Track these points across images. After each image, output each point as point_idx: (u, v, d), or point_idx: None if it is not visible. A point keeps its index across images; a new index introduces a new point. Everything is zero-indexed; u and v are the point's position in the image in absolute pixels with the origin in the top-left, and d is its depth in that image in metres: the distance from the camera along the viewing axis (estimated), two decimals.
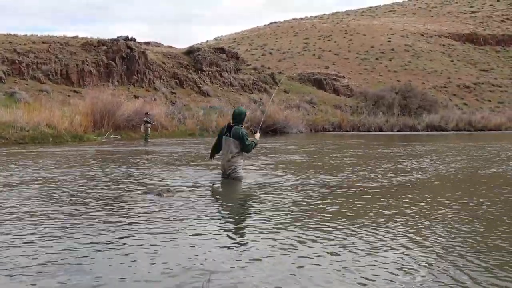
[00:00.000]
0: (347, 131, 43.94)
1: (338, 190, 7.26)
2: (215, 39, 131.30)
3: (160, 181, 8.25)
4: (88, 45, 42.41)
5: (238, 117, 8.22)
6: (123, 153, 15.43)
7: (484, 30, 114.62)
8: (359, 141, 25.89)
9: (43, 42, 41.49)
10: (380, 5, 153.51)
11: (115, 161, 12.16)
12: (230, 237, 4.36)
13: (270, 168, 10.36)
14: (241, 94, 49.44)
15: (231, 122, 8.30)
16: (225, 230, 4.63)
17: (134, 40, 45.59)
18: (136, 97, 36.76)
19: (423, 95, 58.33)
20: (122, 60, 42.23)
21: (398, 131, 45.75)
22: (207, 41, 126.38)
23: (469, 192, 7.42)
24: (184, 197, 6.55)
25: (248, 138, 8.08)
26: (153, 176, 8.94)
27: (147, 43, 57.74)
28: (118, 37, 43.99)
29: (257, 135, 8.71)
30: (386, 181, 8.39)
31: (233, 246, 4.06)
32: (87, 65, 39.70)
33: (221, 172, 8.40)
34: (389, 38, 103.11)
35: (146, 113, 25.15)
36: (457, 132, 44.98)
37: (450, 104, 68.41)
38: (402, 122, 48.45)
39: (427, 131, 46.34)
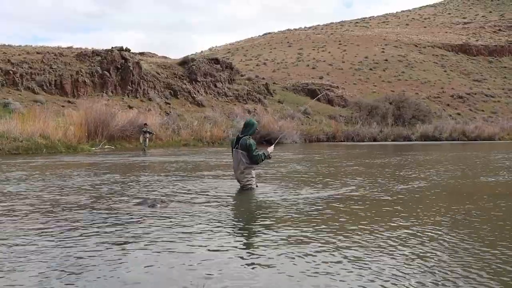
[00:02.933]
0: (341, 141, 44.00)
1: (349, 202, 7.27)
2: (210, 49, 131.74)
3: (155, 192, 8.23)
4: (83, 55, 42.48)
5: (247, 128, 8.13)
6: (117, 163, 15.40)
7: (477, 40, 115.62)
8: (356, 151, 25.95)
9: (37, 53, 41.53)
10: (374, 16, 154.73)
11: (109, 171, 12.13)
12: (222, 246, 4.36)
13: (273, 179, 10.36)
14: (235, 105, 49.50)
15: (240, 133, 8.24)
16: (217, 240, 4.62)
17: (129, 50, 45.64)
18: (130, 107, 36.80)
19: (416, 105, 58.58)
20: (116, 70, 42.30)
21: (392, 141, 45.87)
22: (202, 51, 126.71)
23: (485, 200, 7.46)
24: (178, 208, 6.54)
25: (256, 149, 8.01)
26: (148, 187, 8.93)
27: (142, 54, 57.84)
28: (112, 47, 44.05)
29: (271, 148, 8.57)
30: (393, 190, 8.39)
31: (226, 256, 4.06)
32: (81, 75, 39.73)
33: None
34: (383, 48, 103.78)
35: (145, 124, 25.16)
36: (451, 142, 45.12)
37: (444, 114, 68.71)
38: (396, 132, 48.58)
39: (421, 141, 46.46)
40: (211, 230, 5.09)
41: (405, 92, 71.35)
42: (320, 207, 6.65)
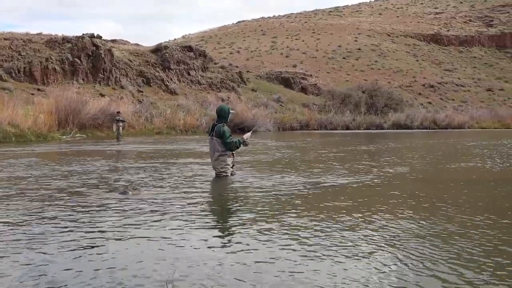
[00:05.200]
0: (314, 129, 44.25)
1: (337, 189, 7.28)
2: (183, 37, 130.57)
3: (128, 179, 8.13)
4: (52, 42, 41.62)
5: (220, 115, 8.11)
6: (89, 151, 15.19)
7: (448, 31, 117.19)
8: (331, 139, 26.11)
9: (5, 39, 40.55)
10: (347, 5, 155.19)
11: (80, 159, 11.95)
12: (193, 233, 4.32)
13: (249, 166, 10.34)
14: (208, 93, 49.24)
15: (215, 121, 8.19)
16: (188, 226, 4.58)
17: (100, 37, 44.87)
18: (102, 95, 36.29)
19: (389, 94, 59.23)
20: (87, 57, 41.59)
21: (365, 129, 46.33)
22: (175, 39, 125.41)
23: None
24: (150, 194, 6.47)
25: (230, 136, 7.98)
26: (120, 175, 8.81)
27: (114, 41, 57.04)
28: (83, 34, 43.24)
29: (247, 134, 8.53)
30: (371, 177, 8.43)
31: (197, 242, 4.02)
32: (51, 62, 38.93)
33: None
34: (356, 37, 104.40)
35: (118, 112, 24.82)
36: (422, 130, 45.79)
37: (415, 103, 69.63)
38: (369, 121, 49.13)
39: (393, 129, 47.06)
40: (183, 217, 5.04)
41: (378, 81, 72.01)
42: (295, 194, 6.64)
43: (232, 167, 8.32)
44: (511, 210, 5.72)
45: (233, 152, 8.30)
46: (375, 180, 8.20)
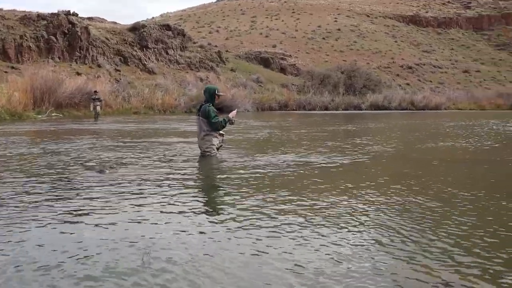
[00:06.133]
0: (293, 109, 44.30)
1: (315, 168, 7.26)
2: (161, 16, 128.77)
3: (106, 157, 8.00)
4: (27, 19, 40.58)
5: (206, 94, 8.11)
6: (67, 130, 14.95)
7: (427, 12, 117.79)
8: (310, 119, 26.16)
9: None
10: None
11: (57, 139, 11.74)
12: (172, 212, 4.27)
13: (233, 146, 10.27)
14: (187, 72, 48.76)
15: (203, 101, 8.17)
16: (167, 205, 4.53)
17: (76, 15, 43.90)
18: (78, 74, 35.63)
19: (367, 75, 59.55)
20: (63, 35, 40.69)
21: (343, 110, 46.56)
22: (153, 17, 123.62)
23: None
24: (127, 173, 6.38)
25: (216, 116, 7.93)
26: (99, 153, 8.68)
27: (90, 19, 55.86)
28: (59, 11, 42.26)
29: (233, 113, 8.41)
30: (352, 156, 8.43)
31: (173, 221, 3.98)
32: (26, 40, 37.99)
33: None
34: (336, 18, 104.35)
35: (95, 91, 24.46)
36: (400, 111, 46.19)
37: (394, 84, 70.14)
38: (347, 101, 49.39)
39: (371, 110, 47.38)
40: (158, 195, 4.98)
41: (357, 62, 72.26)
42: (280, 174, 6.61)
43: (219, 148, 8.30)
44: (488, 186, 5.80)
45: (222, 133, 8.30)
46: (358, 159, 8.23)
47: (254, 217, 4.17)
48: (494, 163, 8.49)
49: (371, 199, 4.96)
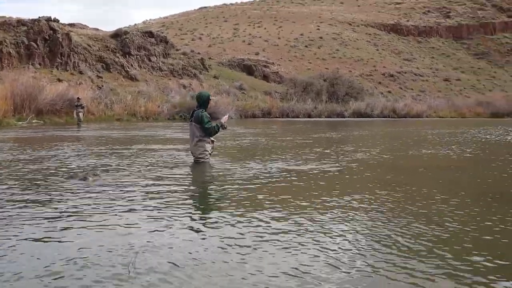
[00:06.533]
0: (276, 117, 44.37)
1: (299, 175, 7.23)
2: (144, 22, 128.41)
3: (90, 165, 7.89)
4: (7, 25, 40.06)
5: (199, 100, 8.10)
6: (48, 137, 14.75)
7: (408, 21, 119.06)
8: (295, 126, 26.19)
9: None
10: None
11: (38, 146, 11.57)
12: (154, 217, 4.21)
13: (221, 153, 10.20)
14: (170, 79, 48.59)
15: (196, 107, 8.17)
16: (151, 212, 4.46)
17: (58, 21, 43.46)
18: (60, 80, 35.26)
19: (350, 82, 59.93)
20: (44, 41, 40.23)
21: (326, 117, 46.76)
22: (135, 24, 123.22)
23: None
24: (111, 180, 6.28)
25: (209, 121, 7.92)
26: (82, 161, 8.55)
27: (72, 25, 55.37)
28: (39, 17, 41.81)
29: (225, 117, 8.45)
30: (337, 164, 8.43)
31: (158, 228, 3.91)
32: (6, 46, 37.49)
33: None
34: (318, 26, 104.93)
35: (78, 98, 24.26)
36: (382, 118, 46.53)
37: (376, 91, 70.67)
38: (330, 109, 49.65)
39: (354, 117, 47.66)
40: (146, 203, 4.90)
41: (339, 69, 72.69)
42: (268, 180, 6.58)
43: (210, 154, 8.27)
44: (473, 192, 5.83)
45: (212, 139, 8.28)
46: (345, 167, 8.23)
47: (244, 224, 4.12)
48: (477, 170, 8.56)
49: (360, 205, 4.95)
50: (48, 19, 42.00)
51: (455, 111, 60.16)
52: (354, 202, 5.17)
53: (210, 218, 4.39)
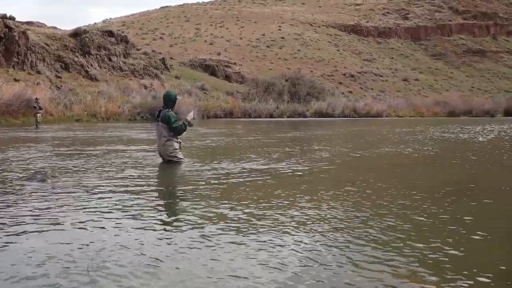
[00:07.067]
0: (238, 117, 44.38)
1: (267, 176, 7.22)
2: (103, 21, 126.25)
3: (48, 166, 7.70)
4: None
5: (166, 99, 8.02)
6: (5, 138, 14.34)
7: (367, 22, 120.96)
8: (258, 126, 26.22)
9: None
10: None
11: None
12: (115, 218, 4.14)
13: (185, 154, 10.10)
14: (131, 79, 47.95)
15: (162, 107, 8.08)
16: (104, 212, 4.39)
17: (14, 19, 42.27)
18: (16, 80, 34.30)
19: (311, 82, 60.49)
20: None
21: (288, 117, 47.04)
22: (95, 23, 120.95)
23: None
24: (70, 182, 6.14)
25: (176, 121, 7.86)
26: (40, 162, 8.34)
27: (29, 23, 54.00)
28: None
29: (190, 114, 8.36)
30: (302, 164, 8.47)
31: (118, 226, 3.85)
32: None
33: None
34: (280, 26, 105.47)
35: (36, 98, 23.67)
36: (343, 118, 47.13)
37: (337, 91, 71.54)
38: (292, 109, 49.97)
39: (315, 117, 48.12)
40: (107, 203, 4.81)
41: (301, 70, 73.26)
42: (238, 180, 6.56)
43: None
44: (437, 186, 5.97)
45: (179, 140, 8.22)
46: (311, 166, 8.29)
47: (215, 221, 4.10)
48: (438, 166, 8.79)
49: (331, 201, 5.00)
50: (4, 17, 40.77)
51: (414, 111, 61.58)
52: (325, 198, 5.24)
53: (180, 217, 4.36)
